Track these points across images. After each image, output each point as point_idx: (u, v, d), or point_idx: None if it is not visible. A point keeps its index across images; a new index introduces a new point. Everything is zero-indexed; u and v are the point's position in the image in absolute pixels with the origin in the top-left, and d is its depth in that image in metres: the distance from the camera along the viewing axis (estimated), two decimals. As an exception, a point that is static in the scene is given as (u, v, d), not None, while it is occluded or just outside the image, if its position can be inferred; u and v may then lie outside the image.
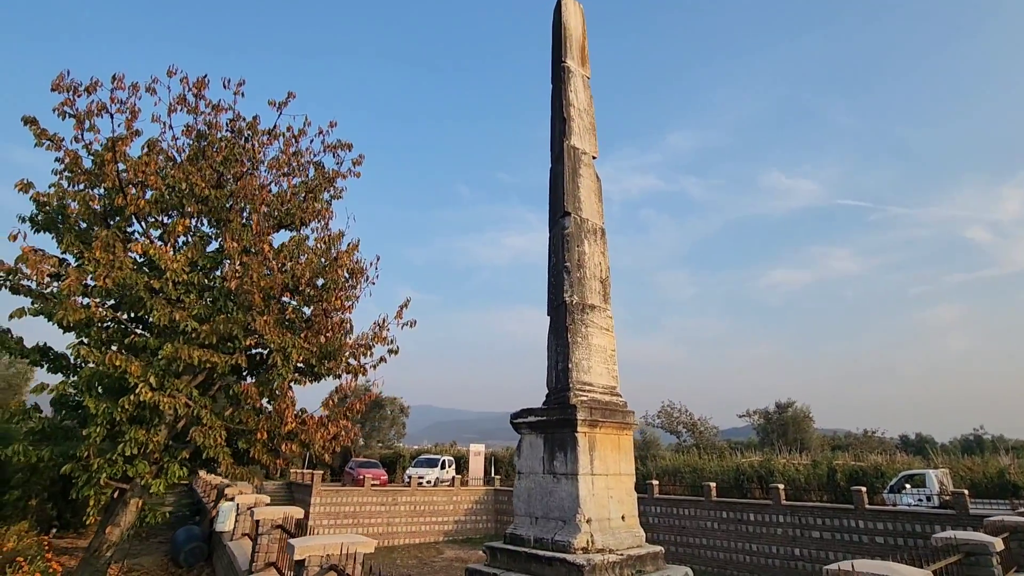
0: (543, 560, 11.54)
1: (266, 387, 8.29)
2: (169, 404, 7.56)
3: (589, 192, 15.39)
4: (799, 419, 39.77)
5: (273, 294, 8.37)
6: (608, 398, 13.45)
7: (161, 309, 7.38)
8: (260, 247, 8.24)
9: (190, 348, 7.45)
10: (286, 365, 8.73)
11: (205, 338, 8.05)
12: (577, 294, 13.90)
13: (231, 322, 7.94)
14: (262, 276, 7.72)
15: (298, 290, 8.84)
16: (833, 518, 17.21)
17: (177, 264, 7.55)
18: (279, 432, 8.28)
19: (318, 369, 9.36)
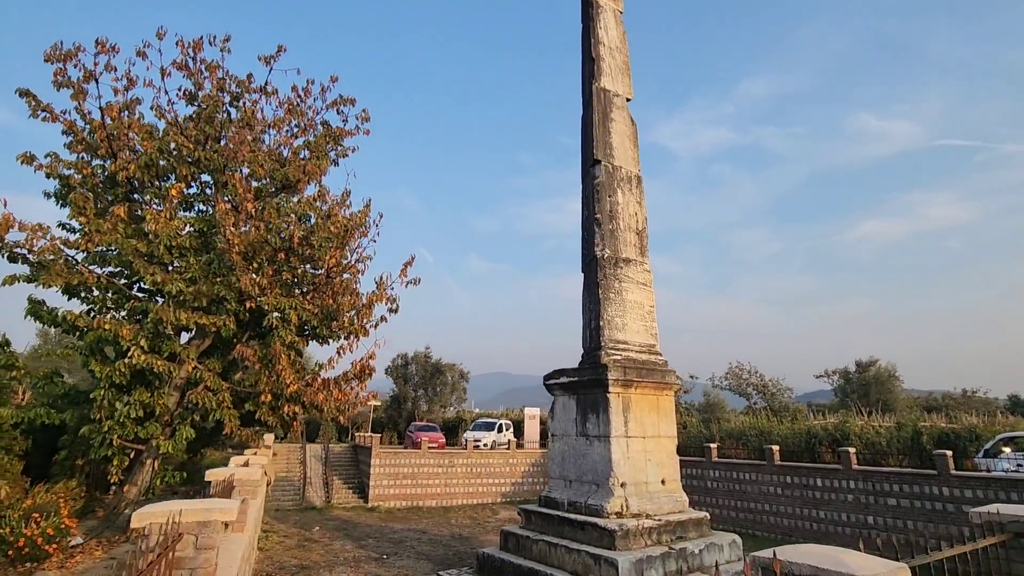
0: (575, 524, 11.11)
1: (264, 349, 8.30)
2: (163, 367, 7.72)
3: (622, 137, 14.22)
4: (883, 378, 36.59)
5: (262, 254, 8.28)
6: (645, 357, 12.59)
7: (146, 271, 7.48)
8: (244, 206, 8.11)
9: (176, 310, 7.52)
10: (285, 327, 8.69)
11: (194, 300, 8.13)
12: (609, 247, 12.97)
13: (216, 283, 7.94)
14: (238, 234, 7.59)
15: (292, 250, 8.68)
16: (913, 484, 15.58)
17: (169, 228, 7.59)
18: (283, 394, 8.30)
19: (320, 331, 9.27)
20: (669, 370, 12.70)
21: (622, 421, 11.55)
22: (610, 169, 13.62)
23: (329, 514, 23.05)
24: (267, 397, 8.34)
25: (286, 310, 8.43)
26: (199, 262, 8.11)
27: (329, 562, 14.42)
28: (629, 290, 12.95)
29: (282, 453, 29.70)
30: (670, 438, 12.34)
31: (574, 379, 12.42)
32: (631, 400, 11.81)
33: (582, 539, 10.86)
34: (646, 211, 14.09)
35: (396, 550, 16.14)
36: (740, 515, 19.57)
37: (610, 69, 14.51)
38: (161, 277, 7.40)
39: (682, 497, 12.00)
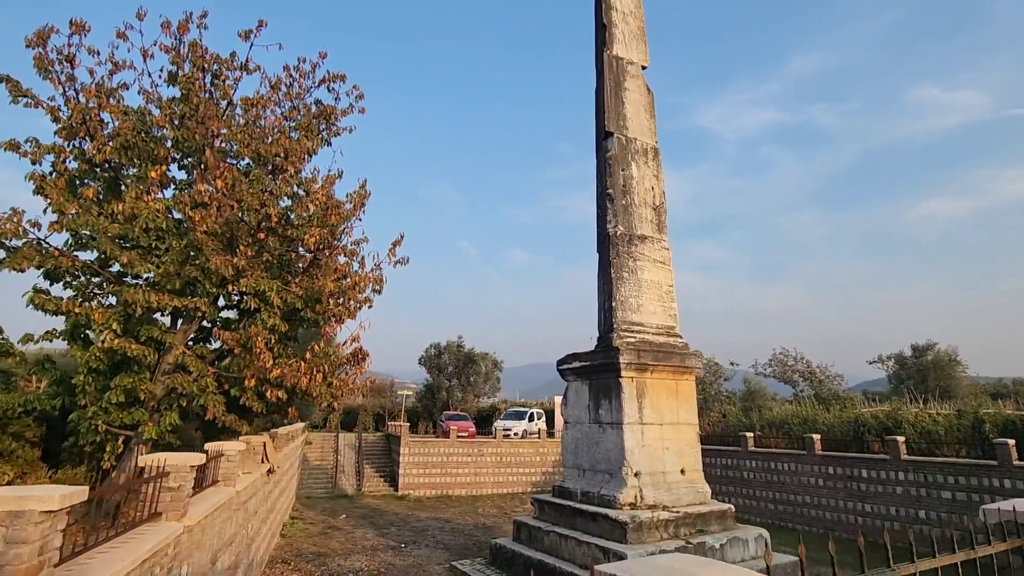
0: (587, 515, 10.55)
1: (243, 333, 8.11)
2: (139, 351, 7.65)
3: (637, 107, 13.37)
4: (942, 363, 33.92)
5: (239, 234, 8.06)
6: (663, 339, 11.83)
7: (113, 253, 7.39)
8: (215, 183, 7.90)
9: (148, 292, 7.42)
10: (268, 310, 8.48)
11: (166, 282, 8.02)
12: (623, 224, 12.23)
13: (190, 266, 7.81)
14: (200, 213, 7.37)
15: (272, 229, 8.44)
16: (970, 476, 14.20)
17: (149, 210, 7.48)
18: (267, 379, 8.11)
19: (304, 314, 9.00)
20: (690, 353, 11.90)
21: (636, 407, 10.88)
22: (623, 141, 12.83)
23: (358, 502, 23.24)
24: (251, 382, 8.17)
25: (267, 292, 8.24)
26: (180, 244, 7.99)
27: (347, 550, 14.38)
28: (645, 269, 12.18)
29: (317, 442, 30.24)
30: (691, 425, 11.58)
31: (586, 363, 11.80)
32: (646, 385, 11.11)
33: (593, 531, 10.30)
34: (664, 185, 13.24)
35: (416, 539, 15.98)
36: (779, 508, 18.48)
37: (623, 35, 13.65)
38: (128, 258, 7.31)
39: (704, 488, 11.24)
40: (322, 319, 8.82)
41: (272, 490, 12.34)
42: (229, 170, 8.27)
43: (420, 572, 12.26)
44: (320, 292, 8.49)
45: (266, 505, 11.11)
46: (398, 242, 9.42)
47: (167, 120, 8.40)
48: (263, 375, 8.02)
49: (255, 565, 10.46)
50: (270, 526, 12.72)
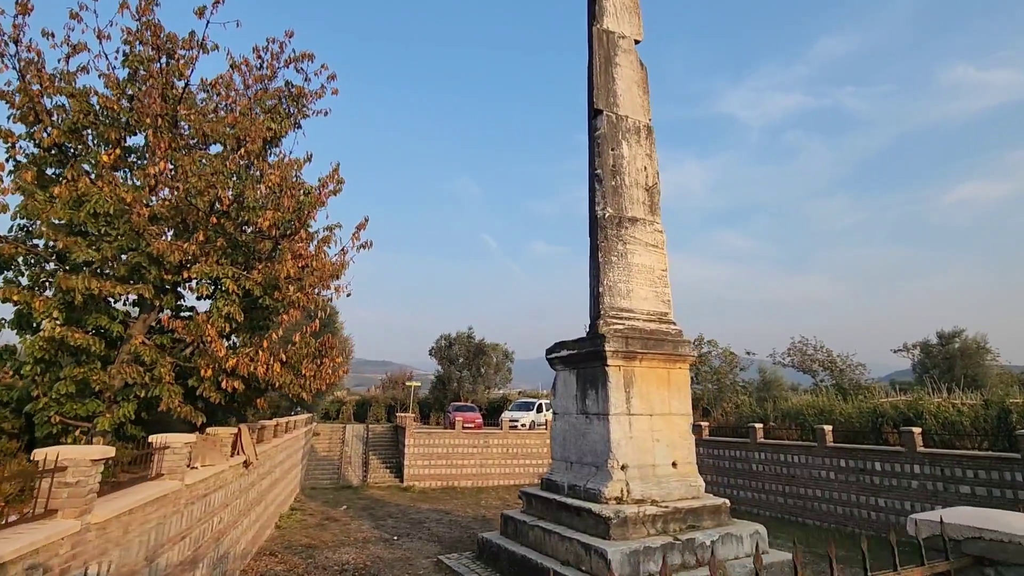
0: (572, 510, 10.11)
1: (192, 322, 7.85)
2: (81, 340, 7.44)
3: (629, 84, 12.73)
4: (970, 351, 32.43)
5: (189, 218, 7.77)
6: (654, 326, 11.28)
7: (50, 238, 7.19)
8: (158, 164, 7.61)
9: (87, 279, 7.19)
10: (224, 297, 8.20)
11: (111, 269, 7.80)
12: (612, 206, 11.66)
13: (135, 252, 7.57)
14: (131, 191, 7.08)
15: (226, 213, 8.11)
16: (990, 470, 13.37)
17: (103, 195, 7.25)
18: (223, 369, 7.84)
19: (263, 301, 8.68)
20: (683, 340, 11.33)
21: (623, 397, 10.37)
22: (613, 119, 12.22)
23: (362, 493, 23.18)
24: (208, 372, 7.92)
25: (222, 279, 7.96)
26: (125, 229, 7.73)
27: (339, 542, 14.20)
28: (636, 253, 11.62)
29: (325, 433, 30.33)
30: (683, 416, 11.02)
31: (573, 352, 11.33)
32: (635, 374, 10.59)
33: (578, 526, 9.87)
34: (657, 164, 12.61)
35: (411, 531, 15.76)
36: (788, 501, 17.78)
37: (614, 8, 12.99)
38: (64, 243, 7.10)
39: (697, 482, 10.70)
40: (280, 306, 8.52)
41: (257, 482, 12.17)
42: (177, 152, 7.97)
43: (406, 566, 11.99)
44: (276, 278, 8.18)
45: (245, 497, 10.91)
46: (362, 226, 9.07)
47: (116, 101, 8.15)
48: (218, 365, 7.77)
49: (232, 558, 10.28)
50: (256, 518, 12.56)
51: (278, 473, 15.74)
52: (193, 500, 7.25)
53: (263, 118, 9.39)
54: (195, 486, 7.24)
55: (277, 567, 11.85)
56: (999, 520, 2.78)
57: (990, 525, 2.72)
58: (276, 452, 14.91)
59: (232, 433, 8.86)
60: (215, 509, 8.43)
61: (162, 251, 7.43)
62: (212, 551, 8.55)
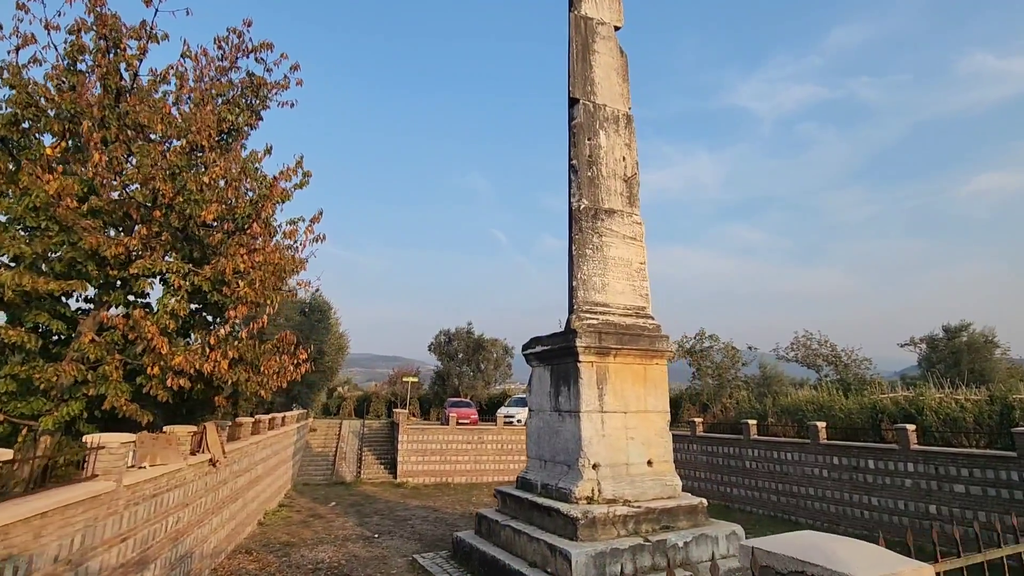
0: (543, 510, 9.85)
1: (130, 318, 7.66)
2: (16, 337, 7.30)
3: (607, 71, 12.37)
4: (976, 345, 31.68)
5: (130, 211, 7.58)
6: (631, 320, 10.96)
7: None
8: (92, 156, 7.40)
9: (18, 275, 7.03)
10: (170, 292, 8.03)
11: (45, 264, 7.65)
12: (587, 197, 11.34)
13: (70, 247, 7.38)
14: (60, 183, 6.88)
15: (170, 207, 7.89)
16: (986, 468, 12.91)
17: (37, 189, 7.09)
18: (169, 366, 7.65)
19: (211, 297, 8.47)
20: (661, 336, 11.00)
21: (596, 394, 10.08)
22: (591, 108, 11.88)
23: (354, 489, 23.09)
24: (155, 370, 7.74)
25: (168, 274, 7.77)
26: (58, 222, 7.54)
27: (318, 540, 14.07)
28: (612, 245, 11.29)
29: (322, 429, 30.32)
30: (660, 413, 10.71)
31: (547, 347, 11.04)
32: (608, 370, 10.29)
33: (548, 527, 9.61)
34: (637, 154, 12.25)
35: (395, 529, 15.60)
36: (782, 499, 17.39)
37: (593, -7, 12.60)
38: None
39: (674, 481, 10.39)
40: (229, 301, 8.31)
41: (230, 479, 12.03)
42: (111, 144, 7.76)
43: (381, 564, 11.82)
44: (222, 272, 7.97)
45: (214, 496, 10.77)
46: (316, 219, 8.86)
47: (59, 92, 7.97)
48: (163, 362, 7.59)
49: (199, 557, 10.15)
50: (231, 516, 12.42)
51: (260, 470, 15.62)
52: (138, 501, 7.07)
53: (220, 109, 9.18)
54: (139, 486, 7.06)
55: (250, 565, 11.73)
56: (825, 551, 2.49)
57: (813, 558, 2.43)
58: (256, 449, 14.78)
59: (191, 431, 8.69)
60: (170, 509, 8.26)
61: (97, 245, 7.25)
62: (169, 551, 8.39)
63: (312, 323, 27.48)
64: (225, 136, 9.61)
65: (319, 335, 28.10)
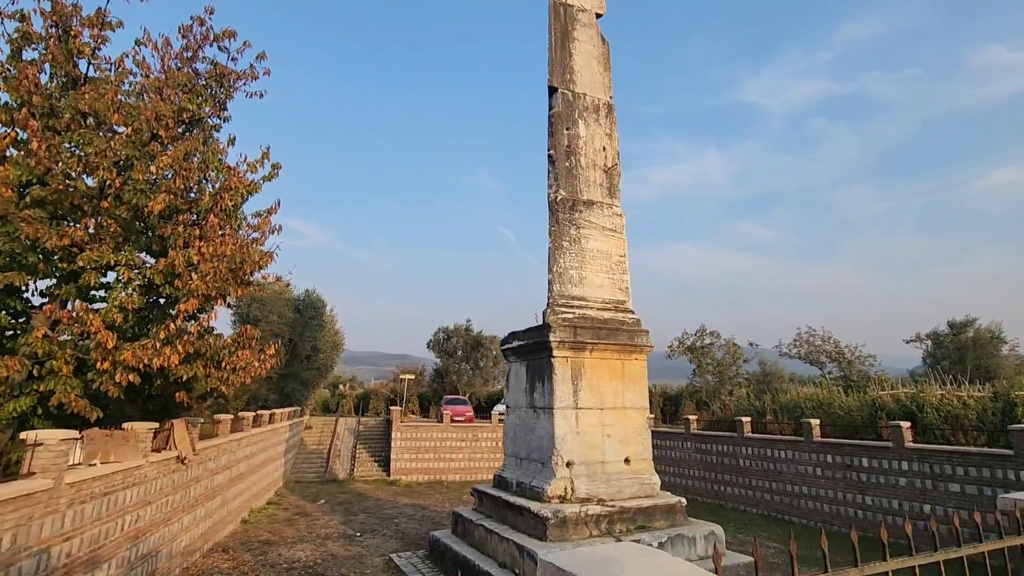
0: (516, 509, 9.59)
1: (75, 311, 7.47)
2: None
3: (588, 59, 12.06)
4: (982, 341, 31.01)
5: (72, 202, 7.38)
6: (609, 315, 10.67)
7: None
8: (31, 145, 7.21)
9: None
10: (123, 286, 7.84)
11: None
12: (565, 188, 11.04)
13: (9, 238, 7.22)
14: None
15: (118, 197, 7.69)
16: (982, 467, 12.50)
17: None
18: (118, 361, 7.47)
19: (163, 290, 8.26)
20: (640, 330, 10.69)
21: (570, 390, 9.80)
22: (569, 97, 11.57)
23: (346, 487, 22.94)
24: (104, 365, 7.56)
25: (116, 267, 7.59)
26: None
27: (299, 538, 13.90)
28: (591, 237, 10.99)
29: (317, 427, 30.22)
30: (638, 410, 10.41)
31: (523, 342, 10.78)
32: (584, 365, 10.01)
33: (520, 526, 9.36)
34: (618, 144, 11.93)
35: (379, 527, 15.41)
36: (775, 498, 17.02)
37: (573, -21, 12.28)
38: None
39: (652, 480, 10.10)
40: (181, 295, 8.11)
41: (204, 477, 11.87)
42: (47, 132, 7.54)
43: (357, 564, 11.62)
44: (173, 265, 7.77)
45: (185, 494, 10.61)
46: (272, 210, 8.64)
47: (3, 81, 7.79)
48: (111, 357, 7.40)
49: (168, 556, 9.99)
50: (207, 514, 12.26)
51: (244, 467, 15.47)
52: (84, 499, 6.89)
53: (180, 98, 8.97)
54: (86, 484, 6.87)
55: (224, 564, 11.56)
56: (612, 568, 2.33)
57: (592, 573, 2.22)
58: (238, 446, 14.63)
59: (151, 428, 8.51)
60: (127, 507, 8.08)
61: (34, 236, 7.07)
62: (127, 550, 8.21)
63: (305, 320, 27.39)
64: (187, 126, 9.41)
65: (312, 332, 28.03)
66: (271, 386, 25.33)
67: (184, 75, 9.24)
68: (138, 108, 8.08)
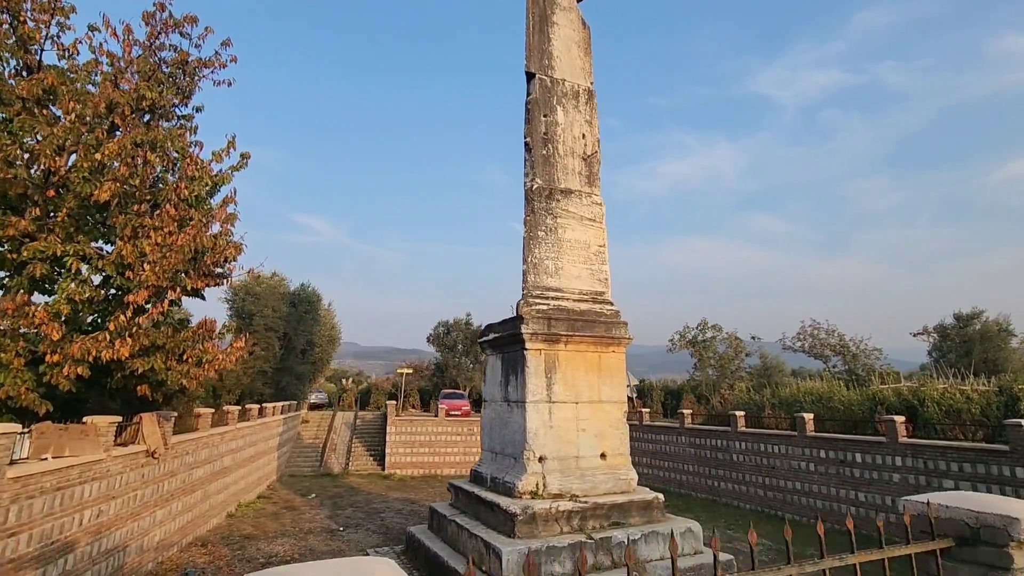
0: (487, 504, 9.38)
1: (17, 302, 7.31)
2: None
3: (567, 44, 11.73)
4: (990, 334, 30.30)
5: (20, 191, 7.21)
6: (586, 306, 10.39)
7: None
8: None
9: None
10: (73, 277, 7.67)
11: None
12: (541, 177, 10.75)
13: None
14: None
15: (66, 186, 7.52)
16: (976, 463, 12.14)
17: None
18: (67, 353, 7.32)
19: (114, 282, 8.09)
20: (619, 322, 10.40)
21: (544, 383, 9.55)
22: (547, 83, 11.26)
23: (340, 481, 22.90)
24: (54, 357, 7.43)
25: (65, 258, 7.43)
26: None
27: (281, 533, 13.81)
28: (568, 227, 10.71)
29: (315, 421, 30.24)
30: (616, 404, 10.14)
31: (499, 335, 10.53)
32: (558, 358, 9.75)
33: (491, 522, 9.15)
34: (599, 132, 11.61)
35: (364, 522, 15.31)
36: (768, 494, 16.71)
37: (552, -39, 11.92)
38: None
39: (629, 475, 9.84)
40: (133, 286, 7.94)
41: (180, 471, 11.78)
42: None
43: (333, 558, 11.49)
44: (121, 255, 7.59)
45: (158, 488, 10.52)
46: (228, 200, 8.43)
47: None
48: (60, 349, 7.26)
49: (139, 551, 9.91)
50: (184, 508, 12.19)
51: (229, 461, 15.41)
52: (32, 494, 6.76)
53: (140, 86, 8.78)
54: (34, 479, 6.74)
55: (201, 559, 11.49)
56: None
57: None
58: (221, 441, 14.55)
59: (112, 421, 8.39)
60: (86, 502, 7.97)
61: None
62: (87, 545, 8.10)
63: (300, 314, 27.32)
64: (148, 115, 9.23)
65: (307, 326, 27.98)
66: (266, 380, 25.32)
67: (144, 62, 9.05)
68: (85, 95, 7.90)
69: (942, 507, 3.02)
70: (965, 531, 2.91)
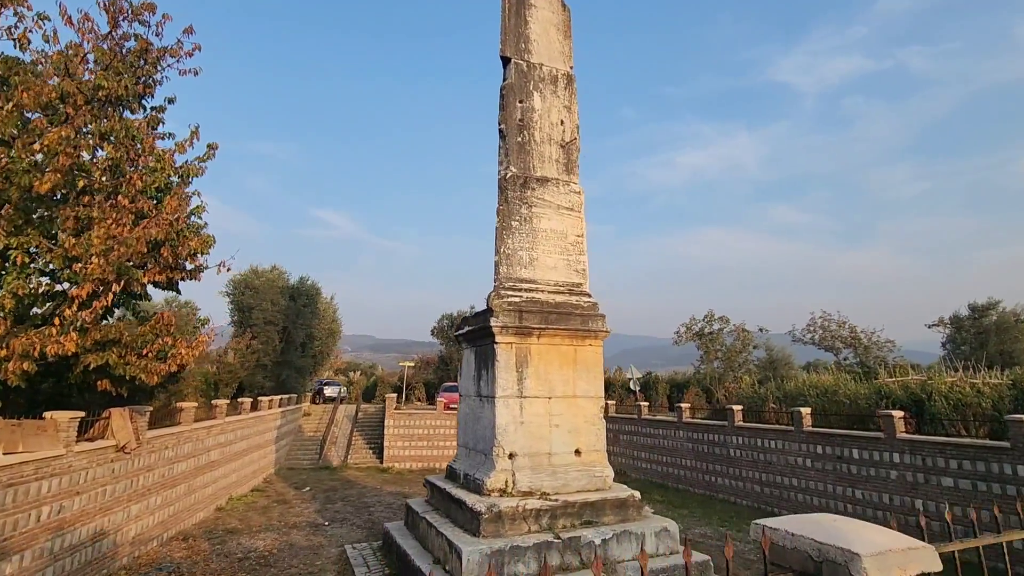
0: (456, 502, 9.17)
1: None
2: None
3: (545, 27, 11.34)
4: (1006, 325, 29.27)
5: None
6: (562, 298, 10.07)
7: None
8: None
9: None
10: (15, 270, 7.54)
11: None
12: (516, 165, 10.42)
13: None
14: None
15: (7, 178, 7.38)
16: (976, 460, 11.61)
17: None
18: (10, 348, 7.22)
19: (61, 275, 7.97)
20: (596, 315, 10.08)
21: (515, 378, 9.27)
22: (523, 68, 10.89)
23: (337, 474, 22.91)
24: (1, 352, 7.34)
25: (10, 251, 7.30)
26: None
27: (266, 527, 13.75)
28: (544, 216, 10.37)
29: (316, 413, 30.33)
30: (592, 399, 9.83)
31: (473, 328, 10.27)
32: (531, 352, 9.46)
33: (459, 520, 8.93)
34: (578, 118, 11.22)
35: (352, 516, 15.21)
36: (765, 490, 16.27)
37: (530, -59, 11.51)
38: None
39: (604, 472, 9.54)
40: (80, 280, 7.80)
41: (159, 465, 11.75)
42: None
43: (311, 554, 11.39)
44: (64, 248, 7.45)
45: (130, 483, 10.47)
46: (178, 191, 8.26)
47: None
48: (3, 345, 7.17)
49: (112, 546, 9.87)
50: (164, 503, 12.15)
51: (216, 455, 15.40)
52: (-23, 491, 6.68)
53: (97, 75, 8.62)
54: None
55: (179, 553, 11.45)
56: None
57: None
58: (207, 435, 14.52)
59: (73, 416, 8.31)
60: (44, 498, 7.90)
61: None
62: (47, 541, 8.04)
63: (299, 308, 27.35)
64: (105, 106, 9.08)
65: (307, 320, 28.02)
66: (266, 374, 25.41)
67: (100, 51, 8.89)
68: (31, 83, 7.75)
69: (788, 535, 2.63)
70: (808, 565, 2.52)
